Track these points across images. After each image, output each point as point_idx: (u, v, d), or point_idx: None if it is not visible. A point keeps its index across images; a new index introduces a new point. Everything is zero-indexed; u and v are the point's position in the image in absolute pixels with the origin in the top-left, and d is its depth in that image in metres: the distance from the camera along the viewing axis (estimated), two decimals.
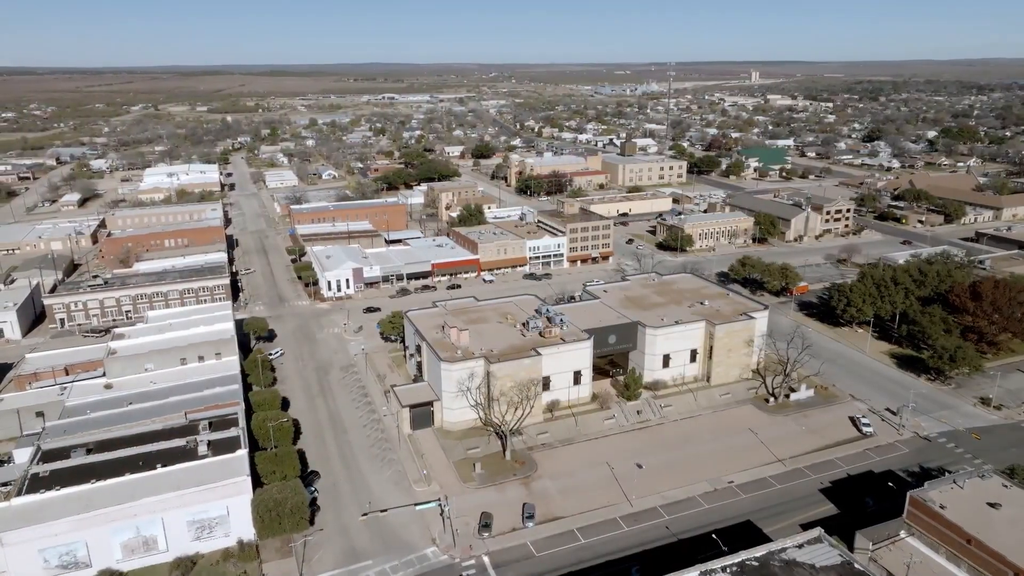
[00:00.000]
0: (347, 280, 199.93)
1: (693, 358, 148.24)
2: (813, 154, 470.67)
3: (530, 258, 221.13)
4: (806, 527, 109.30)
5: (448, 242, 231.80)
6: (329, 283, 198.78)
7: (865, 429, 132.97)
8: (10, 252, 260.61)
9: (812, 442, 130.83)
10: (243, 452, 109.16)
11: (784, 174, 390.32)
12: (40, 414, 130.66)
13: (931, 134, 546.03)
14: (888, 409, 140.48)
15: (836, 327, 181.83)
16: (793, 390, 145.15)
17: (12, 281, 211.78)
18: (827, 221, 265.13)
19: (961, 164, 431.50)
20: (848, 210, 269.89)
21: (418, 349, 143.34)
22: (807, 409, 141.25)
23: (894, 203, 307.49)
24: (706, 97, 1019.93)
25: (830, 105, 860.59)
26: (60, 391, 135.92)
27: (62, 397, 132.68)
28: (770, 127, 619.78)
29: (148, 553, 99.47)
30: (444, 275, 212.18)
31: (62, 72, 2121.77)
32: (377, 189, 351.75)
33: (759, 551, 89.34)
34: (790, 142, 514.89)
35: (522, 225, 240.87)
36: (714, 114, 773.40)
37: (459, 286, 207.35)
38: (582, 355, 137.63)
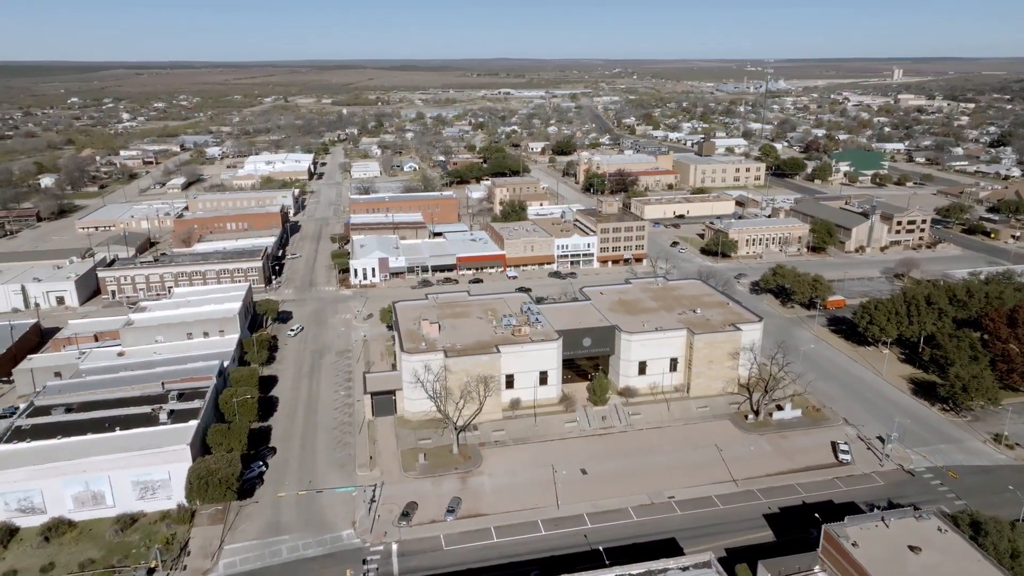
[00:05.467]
0: (373, 269, 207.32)
1: (674, 367, 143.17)
2: (923, 159, 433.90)
3: (558, 256, 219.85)
4: (733, 552, 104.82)
5: (484, 236, 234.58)
6: (355, 271, 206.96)
7: (843, 456, 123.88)
8: (106, 228, 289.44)
9: (778, 464, 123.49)
10: (193, 423, 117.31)
11: (877, 180, 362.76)
12: (58, 374, 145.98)
13: None
14: (879, 437, 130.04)
15: (861, 346, 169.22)
16: (780, 408, 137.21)
17: (92, 255, 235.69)
18: (897, 232, 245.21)
19: None
20: (923, 221, 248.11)
21: (393, 339, 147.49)
22: (788, 430, 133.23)
23: (987, 215, 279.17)
24: (831, 96, 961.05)
25: (970, 106, 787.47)
26: (79, 355, 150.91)
27: (78, 361, 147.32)
28: (886, 129, 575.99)
29: (96, 507, 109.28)
30: (469, 269, 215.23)
31: (215, 66, 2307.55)
32: (448, 183, 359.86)
33: (638, 568, 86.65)
34: (900, 146, 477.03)
35: (560, 223, 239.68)
36: (832, 114, 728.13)
37: (481, 280, 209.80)
38: (548, 355, 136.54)
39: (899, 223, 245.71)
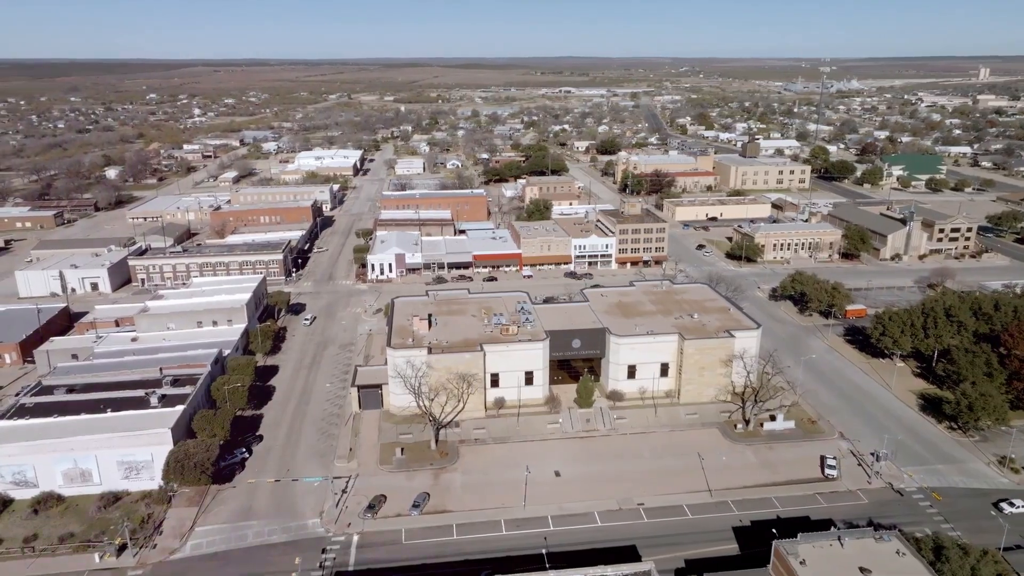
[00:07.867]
0: (389, 264, 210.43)
1: (665, 372, 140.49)
2: (989, 164, 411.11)
3: (576, 257, 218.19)
4: (692, 563, 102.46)
5: (506, 235, 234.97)
6: (372, 266, 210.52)
7: (829, 472, 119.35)
8: (154, 220, 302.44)
9: (760, 476, 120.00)
10: (179, 408, 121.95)
11: (933, 185, 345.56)
12: (75, 356, 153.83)
13: None
14: (873, 453, 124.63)
15: (875, 358, 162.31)
16: (773, 418, 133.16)
17: (133, 244, 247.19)
18: (939, 240, 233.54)
19: None
20: (968, 229, 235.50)
21: None
22: (777, 441, 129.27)
23: None
24: (904, 96, 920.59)
25: None
26: (96, 339, 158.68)
27: (94, 344, 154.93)
28: (955, 132, 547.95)
29: (84, 484, 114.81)
30: (485, 267, 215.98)
31: (288, 63, 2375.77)
32: (486, 180, 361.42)
33: (575, 574, 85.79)
34: (966, 149, 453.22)
35: (582, 223, 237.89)
36: (901, 115, 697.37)
37: (495, 279, 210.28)
38: (534, 355, 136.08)
39: (941, 231, 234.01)
